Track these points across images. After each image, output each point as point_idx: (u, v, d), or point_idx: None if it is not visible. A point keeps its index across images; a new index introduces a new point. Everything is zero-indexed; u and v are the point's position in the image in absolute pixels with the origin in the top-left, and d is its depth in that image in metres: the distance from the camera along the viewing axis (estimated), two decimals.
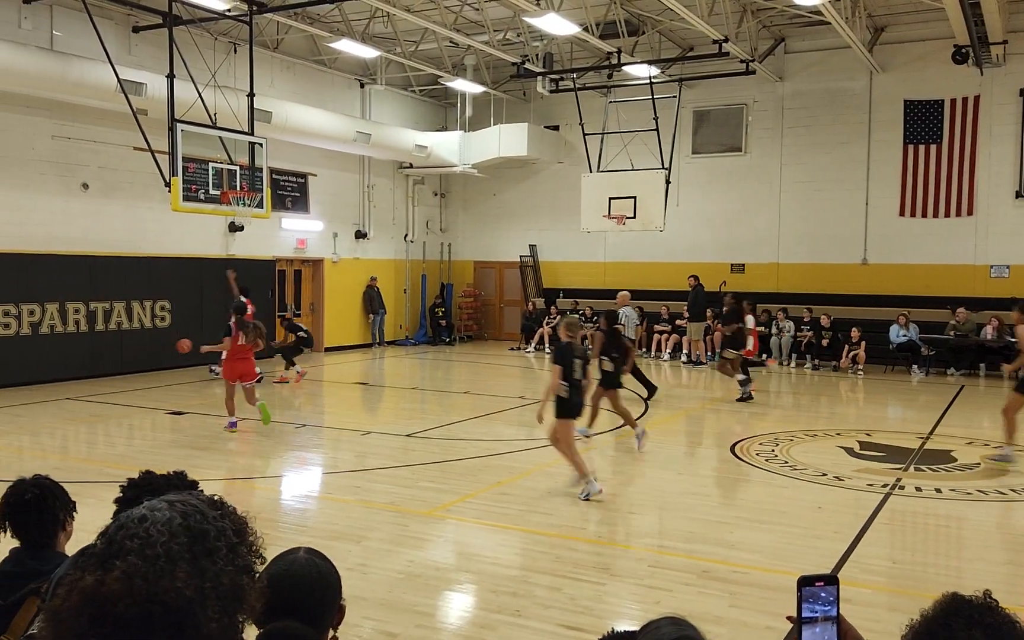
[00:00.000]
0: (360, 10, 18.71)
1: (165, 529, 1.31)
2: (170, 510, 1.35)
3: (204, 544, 1.33)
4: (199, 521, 1.35)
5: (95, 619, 1.24)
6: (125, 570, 1.26)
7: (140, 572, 1.26)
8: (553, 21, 16.66)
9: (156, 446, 11.71)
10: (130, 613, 1.23)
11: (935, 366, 19.54)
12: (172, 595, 1.26)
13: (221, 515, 1.40)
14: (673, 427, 13.11)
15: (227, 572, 1.33)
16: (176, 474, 2.99)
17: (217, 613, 1.29)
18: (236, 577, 1.34)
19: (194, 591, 1.27)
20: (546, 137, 24.62)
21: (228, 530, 1.38)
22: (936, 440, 12.09)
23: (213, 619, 1.28)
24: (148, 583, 1.25)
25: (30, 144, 16.18)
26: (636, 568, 6.88)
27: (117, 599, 1.24)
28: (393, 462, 10.65)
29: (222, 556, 1.34)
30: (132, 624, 1.23)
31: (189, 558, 1.30)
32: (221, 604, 1.30)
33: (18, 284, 15.86)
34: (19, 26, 15.68)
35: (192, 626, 1.26)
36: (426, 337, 25.88)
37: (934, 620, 1.65)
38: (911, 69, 20.88)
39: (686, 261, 23.07)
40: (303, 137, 20.45)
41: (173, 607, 1.25)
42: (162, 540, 1.30)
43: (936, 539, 8.42)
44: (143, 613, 1.24)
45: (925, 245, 20.91)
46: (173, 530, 1.32)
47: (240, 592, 1.35)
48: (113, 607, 1.24)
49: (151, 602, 1.24)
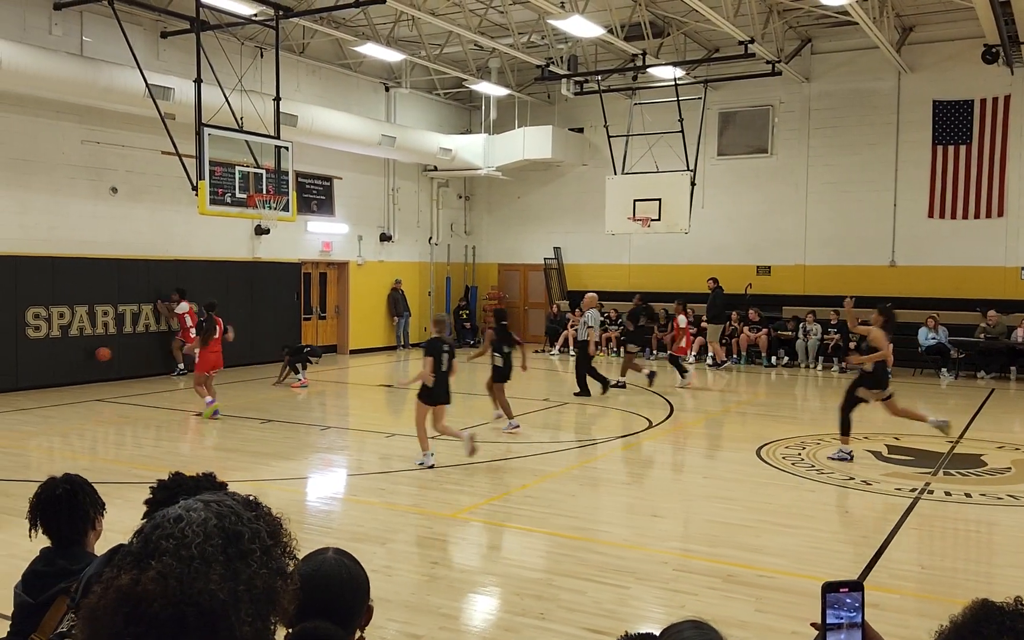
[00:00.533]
0: (385, 14, 18.79)
1: (200, 530, 1.31)
2: (205, 510, 1.35)
3: (239, 546, 1.32)
4: (234, 522, 1.34)
5: (130, 618, 1.24)
6: (160, 571, 1.26)
7: (175, 573, 1.26)
8: (578, 23, 16.64)
9: (183, 447, 11.81)
10: (165, 614, 1.24)
11: (965, 369, 19.31)
12: (206, 597, 1.26)
13: (256, 516, 1.39)
14: (697, 430, 13.04)
15: (261, 574, 1.33)
16: (205, 475, 3.01)
17: (250, 616, 1.29)
18: (270, 579, 1.34)
19: (228, 593, 1.27)
20: (570, 139, 24.59)
21: (263, 532, 1.37)
22: (966, 444, 11.94)
23: (246, 622, 1.29)
24: (182, 584, 1.25)
25: (60, 149, 16.39)
26: (660, 572, 6.84)
27: (152, 599, 1.24)
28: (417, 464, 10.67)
29: (256, 558, 1.33)
30: (166, 625, 1.24)
31: (223, 560, 1.30)
32: (254, 606, 1.30)
33: (48, 287, 16.07)
34: (50, 32, 15.89)
35: (225, 628, 1.26)
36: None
37: (964, 626, 1.62)
38: (940, 69, 20.66)
39: (711, 263, 22.97)
40: (328, 140, 20.56)
41: (207, 609, 1.25)
42: (197, 541, 1.29)
43: (966, 544, 8.31)
44: (177, 614, 1.24)
45: (954, 247, 20.67)
46: (208, 531, 1.31)
47: (273, 594, 1.34)
48: (148, 607, 1.24)
49: (185, 603, 1.25)
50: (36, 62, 14.60)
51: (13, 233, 15.70)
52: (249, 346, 18.75)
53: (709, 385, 18.70)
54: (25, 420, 13.14)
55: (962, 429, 13.06)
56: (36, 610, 3.22)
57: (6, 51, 14.07)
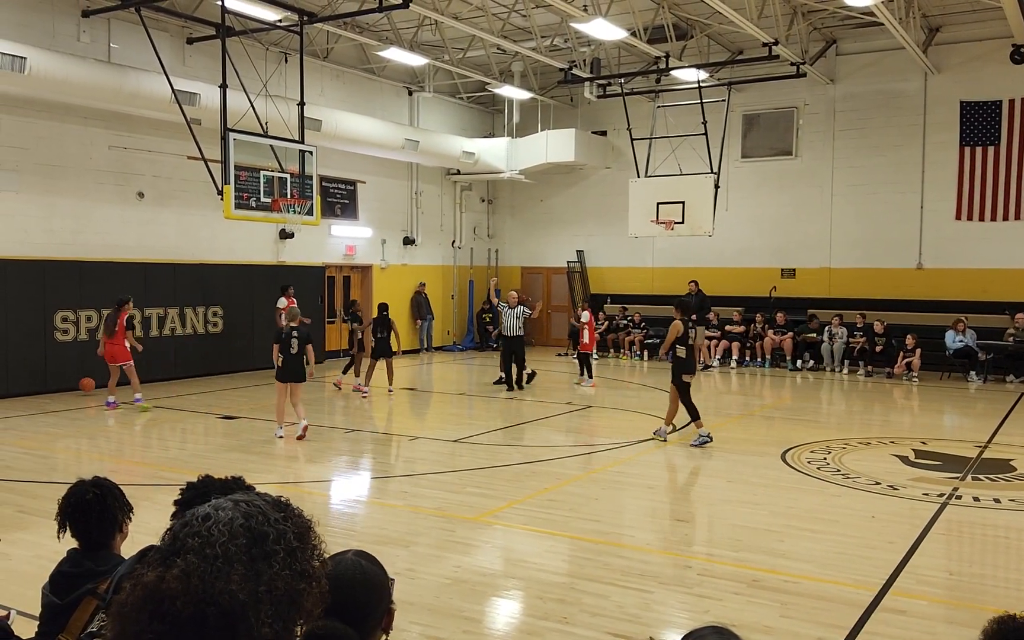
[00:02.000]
0: (408, 18, 18.86)
1: (226, 529, 1.31)
2: (233, 510, 1.35)
3: (263, 547, 1.32)
4: (260, 523, 1.34)
5: (154, 616, 1.25)
6: (184, 568, 1.27)
7: (197, 571, 1.26)
8: (601, 26, 16.62)
9: (209, 450, 11.90)
10: (186, 612, 1.24)
11: (993, 373, 19.08)
12: (226, 597, 1.26)
13: (284, 517, 1.39)
14: (722, 434, 12.96)
15: (283, 577, 1.32)
16: (234, 479, 3.04)
17: (270, 617, 1.29)
18: (293, 582, 1.33)
19: (248, 594, 1.27)
20: (593, 142, 24.56)
21: (289, 533, 1.36)
22: (994, 449, 11.80)
23: (266, 623, 1.28)
24: (204, 583, 1.26)
25: (88, 154, 16.57)
26: (684, 576, 6.81)
27: (175, 597, 1.25)
28: (441, 467, 10.70)
29: (280, 560, 1.32)
30: (188, 624, 1.24)
31: (246, 560, 1.30)
32: (275, 609, 1.30)
33: (75, 290, 16.25)
34: (78, 39, 16.09)
35: (245, 630, 1.26)
36: (473, 343, 25.96)
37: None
38: (967, 70, 20.43)
39: (735, 266, 22.88)
40: (352, 145, 20.66)
41: (227, 609, 1.25)
42: (221, 540, 1.30)
43: (995, 551, 8.20)
44: (198, 613, 1.24)
45: (982, 249, 20.43)
46: (233, 530, 1.31)
47: (296, 597, 1.34)
48: (171, 605, 1.25)
49: (206, 602, 1.25)
50: (64, 68, 14.78)
51: (41, 237, 15.90)
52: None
53: (733, 388, 18.60)
54: (53, 422, 13.30)
55: (991, 433, 12.91)
56: (63, 611, 3.25)
57: (35, 58, 14.26)
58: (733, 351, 21.63)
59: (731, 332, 21.87)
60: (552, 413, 14.80)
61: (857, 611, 5.99)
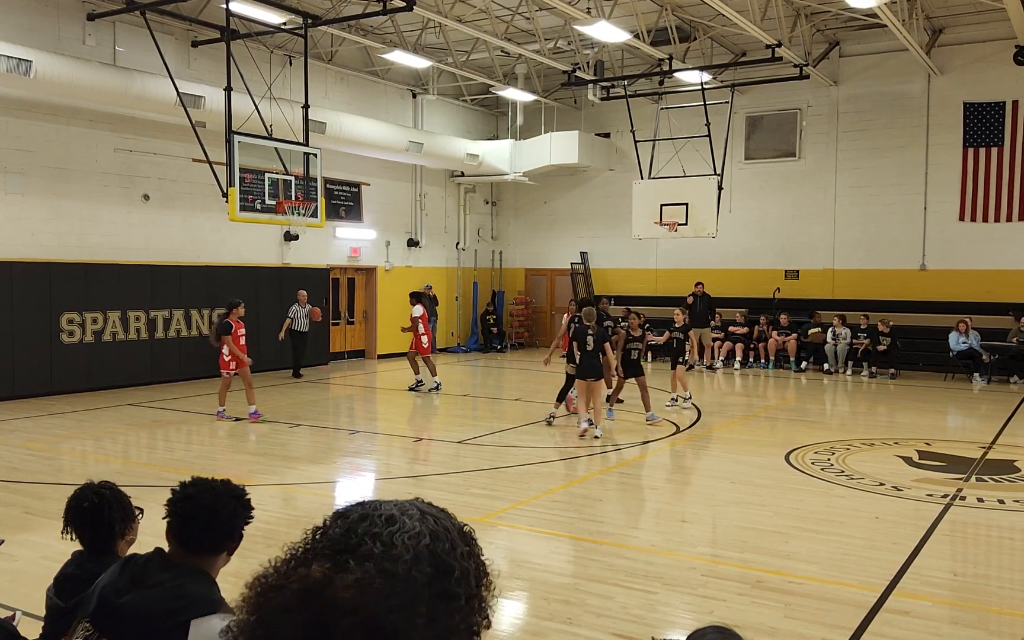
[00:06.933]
0: (412, 21, 18.90)
1: (411, 545, 1.11)
2: (421, 523, 1.15)
3: (445, 585, 1.12)
4: (447, 551, 1.14)
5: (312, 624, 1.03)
6: (360, 579, 1.05)
7: (375, 589, 1.05)
8: (604, 29, 16.65)
9: (214, 451, 11.94)
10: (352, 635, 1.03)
11: (997, 374, 19.07)
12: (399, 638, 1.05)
13: (469, 553, 1.19)
14: (726, 435, 12.98)
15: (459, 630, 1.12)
16: (223, 481, 3.04)
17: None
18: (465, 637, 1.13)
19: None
20: (597, 144, 24.59)
21: (471, 574, 1.17)
22: (999, 450, 11.80)
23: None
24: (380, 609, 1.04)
25: (93, 157, 16.63)
26: (689, 577, 6.83)
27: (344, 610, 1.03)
28: (445, 469, 10.73)
29: (459, 608, 1.12)
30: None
31: (428, 597, 1.09)
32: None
33: (82, 293, 16.30)
34: (83, 42, 16.15)
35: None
36: (477, 344, 25.99)
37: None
38: (971, 71, 20.43)
39: (739, 267, 22.88)
40: (357, 147, 20.70)
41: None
42: (406, 558, 1.10)
43: (999, 552, 8.21)
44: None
45: (986, 250, 20.43)
46: (419, 551, 1.11)
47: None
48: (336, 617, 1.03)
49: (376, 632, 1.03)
50: (70, 72, 14.84)
51: (47, 240, 15.95)
52: (279, 351, 18.90)
53: (737, 390, 18.61)
54: (59, 424, 13.34)
55: (995, 435, 12.91)
56: (67, 613, 3.28)
57: (41, 61, 14.32)
58: (737, 352, 21.63)
59: (735, 333, 21.88)
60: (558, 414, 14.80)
61: (861, 612, 6.00)
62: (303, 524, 1.46)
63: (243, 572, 3.43)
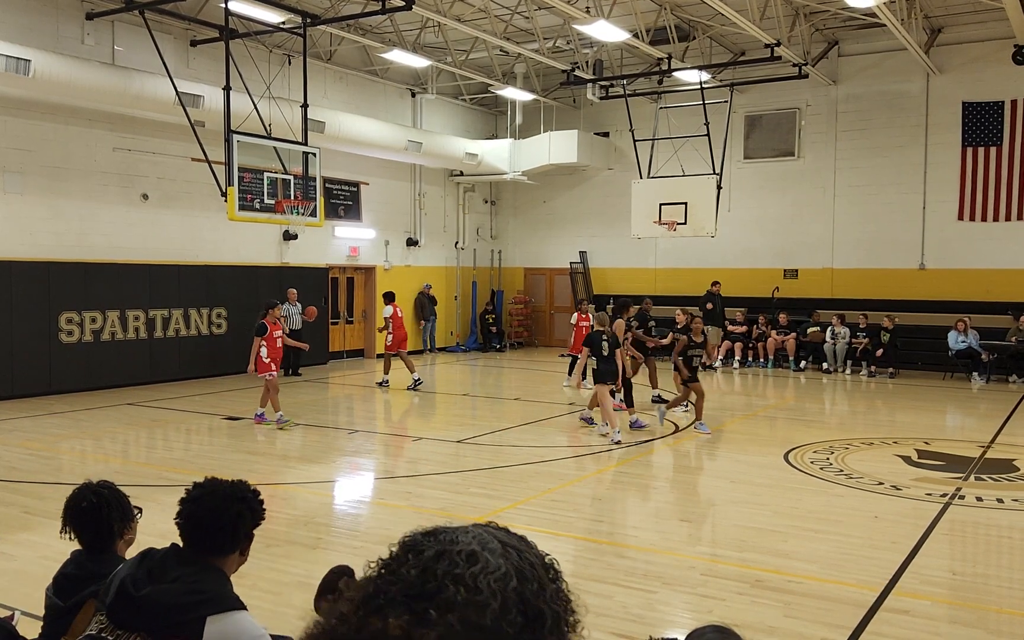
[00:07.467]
0: (411, 20, 18.90)
1: (498, 589, 0.96)
2: (505, 560, 1.00)
3: (537, 633, 0.96)
4: (536, 593, 1.00)
5: None
6: (443, 636, 0.90)
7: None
8: (603, 28, 16.65)
9: (213, 450, 11.93)
10: None
11: (996, 373, 19.08)
12: None
13: (556, 592, 1.05)
14: (726, 435, 12.98)
15: None
16: (238, 482, 3.07)
17: None
18: None
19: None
20: (596, 144, 24.59)
21: (560, 616, 1.03)
22: (997, 449, 11.81)
23: None
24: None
25: (92, 156, 16.62)
26: (688, 576, 6.83)
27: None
28: (444, 468, 10.73)
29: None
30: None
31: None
32: None
33: (80, 292, 16.29)
34: (82, 42, 16.13)
35: None
36: (477, 343, 25.99)
37: None
38: (969, 70, 20.44)
39: (738, 267, 22.88)
40: (356, 146, 20.70)
41: None
42: (493, 605, 0.94)
43: (998, 551, 8.21)
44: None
45: (985, 249, 20.44)
46: (507, 596, 0.96)
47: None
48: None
49: None
50: (69, 71, 14.83)
51: (46, 239, 15.94)
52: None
53: (736, 389, 18.61)
54: (58, 423, 13.34)
55: (993, 434, 12.92)
56: (66, 613, 3.28)
57: (40, 60, 14.31)
58: (736, 351, 21.64)
59: (734, 333, 21.88)
60: (555, 414, 14.82)
61: (860, 611, 6.01)
62: (303, 524, 1.45)
63: (243, 571, 3.42)
